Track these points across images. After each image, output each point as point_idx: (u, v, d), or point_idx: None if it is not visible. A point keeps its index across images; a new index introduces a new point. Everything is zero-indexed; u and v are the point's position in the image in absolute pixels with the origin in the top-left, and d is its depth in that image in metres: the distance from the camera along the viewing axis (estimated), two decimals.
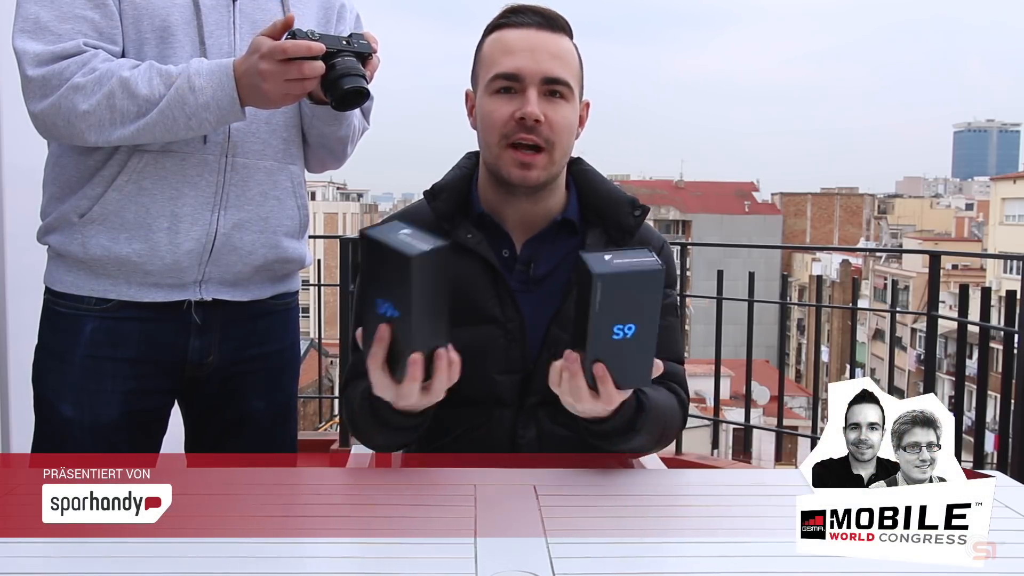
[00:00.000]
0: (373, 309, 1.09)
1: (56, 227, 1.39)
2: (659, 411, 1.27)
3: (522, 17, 1.31)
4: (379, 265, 1.07)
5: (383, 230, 1.07)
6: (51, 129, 1.31)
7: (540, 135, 1.28)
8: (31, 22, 1.29)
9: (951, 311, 3.84)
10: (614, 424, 1.19)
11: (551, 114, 1.28)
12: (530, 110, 1.27)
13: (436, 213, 1.35)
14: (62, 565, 0.96)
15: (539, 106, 1.27)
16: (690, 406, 1.48)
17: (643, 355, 1.09)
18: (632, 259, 1.06)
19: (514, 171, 1.29)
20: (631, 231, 1.37)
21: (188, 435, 1.57)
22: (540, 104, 1.28)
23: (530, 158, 1.28)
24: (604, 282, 1.03)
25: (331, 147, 1.52)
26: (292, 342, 1.58)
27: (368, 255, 1.09)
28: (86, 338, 1.39)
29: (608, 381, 1.10)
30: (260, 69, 1.25)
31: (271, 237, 1.45)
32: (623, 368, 1.10)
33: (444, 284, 1.08)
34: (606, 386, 1.11)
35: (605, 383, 1.11)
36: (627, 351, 1.08)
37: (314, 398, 4.85)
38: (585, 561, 0.96)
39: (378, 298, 1.09)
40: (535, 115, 1.27)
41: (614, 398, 1.13)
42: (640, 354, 1.09)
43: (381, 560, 0.97)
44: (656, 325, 1.08)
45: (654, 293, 1.06)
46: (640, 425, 1.22)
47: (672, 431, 1.35)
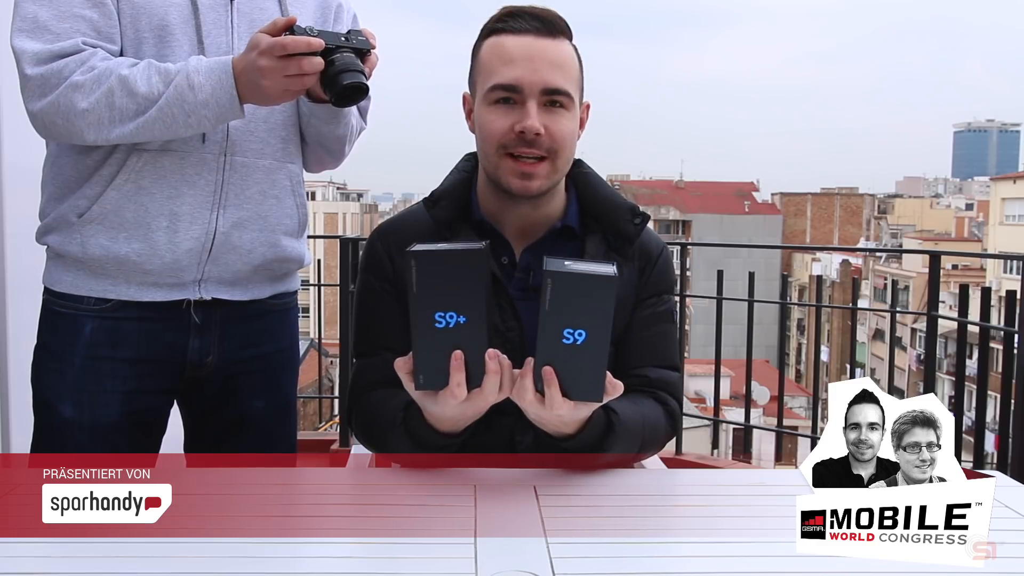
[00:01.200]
0: (431, 325, 1.09)
1: (55, 227, 1.39)
2: (632, 426, 1.26)
3: (520, 22, 1.28)
4: (439, 276, 1.08)
5: (427, 246, 1.09)
6: (50, 128, 1.31)
7: (541, 147, 1.27)
8: (30, 21, 1.29)
9: (951, 311, 3.84)
10: (581, 441, 1.19)
11: (551, 126, 1.27)
12: (530, 124, 1.25)
13: (436, 221, 1.34)
14: (62, 565, 0.96)
15: (539, 118, 1.26)
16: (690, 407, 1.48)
17: (594, 366, 1.10)
18: (590, 266, 1.09)
19: (515, 181, 1.28)
20: (631, 238, 1.37)
21: (187, 435, 1.57)
22: (540, 116, 1.26)
23: (531, 168, 1.27)
24: (555, 281, 1.06)
25: (329, 146, 1.52)
26: (291, 342, 1.57)
27: (424, 270, 1.08)
28: (85, 338, 1.39)
29: (554, 384, 1.10)
30: (259, 65, 1.25)
31: (270, 236, 1.45)
32: (572, 376, 1.10)
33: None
34: (551, 388, 1.10)
35: (551, 386, 1.10)
36: (577, 359, 1.08)
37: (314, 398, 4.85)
38: (585, 561, 0.96)
39: (438, 312, 1.08)
40: (535, 129, 1.25)
41: (557, 404, 1.11)
42: (591, 365, 1.09)
43: (381, 560, 0.97)
44: (607, 338, 1.08)
45: (606, 301, 1.07)
46: (610, 444, 1.21)
47: (655, 443, 1.35)
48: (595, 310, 1.07)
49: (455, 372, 1.10)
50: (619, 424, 1.22)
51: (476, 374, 1.11)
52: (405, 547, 0.99)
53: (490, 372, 1.12)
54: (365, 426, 1.35)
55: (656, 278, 1.40)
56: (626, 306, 1.37)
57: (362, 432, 1.37)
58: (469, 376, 1.11)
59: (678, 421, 1.43)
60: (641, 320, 1.39)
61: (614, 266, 1.09)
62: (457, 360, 1.10)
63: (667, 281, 1.42)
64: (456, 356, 1.10)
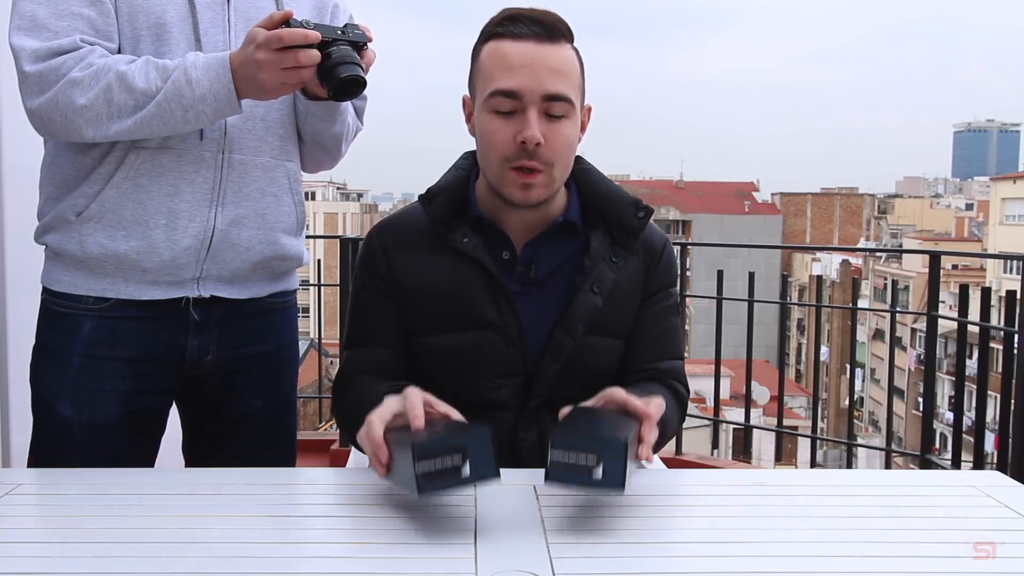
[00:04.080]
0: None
1: (53, 226, 1.39)
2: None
3: (521, 27, 1.27)
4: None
5: (432, 464, 1.00)
6: (48, 125, 1.31)
7: (540, 158, 1.26)
8: (28, 19, 1.29)
9: (951, 311, 3.84)
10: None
11: (551, 136, 1.26)
12: (531, 134, 1.25)
13: (432, 217, 1.34)
14: (62, 565, 0.96)
15: (539, 127, 1.25)
16: (691, 406, 1.49)
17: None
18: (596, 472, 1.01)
19: (516, 193, 1.29)
20: (635, 232, 1.37)
21: (186, 434, 1.56)
22: (540, 125, 1.25)
23: (530, 178, 1.27)
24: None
25: (325, 144, 1.52)
26: (291, 340, 1.57)
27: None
28: (84, 338, 1.39)
29: None
30: (256, 59, 1.25)
31: (268, 234, 1.45)
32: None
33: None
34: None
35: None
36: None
37: (314, 398, 4.84)
38: (585, 561, 0.96)
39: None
40: (536, 139, 1.25)
41: None
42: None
43: (381, 560, 0.97)
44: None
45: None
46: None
47: (671, 429, 1.36)
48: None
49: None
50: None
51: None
52: (405, 547, 0.98)
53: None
54: (348, 410, 1.34)
55: (662, 273, 1.42)
56: (632, 300, 1.39)
57: (343, 416, 1.38)
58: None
59: (687, 405, 1.45)
60: (650, 317, 1.40)
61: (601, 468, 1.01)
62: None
63: (672, 275, 1.44)
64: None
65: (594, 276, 1.34)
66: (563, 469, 1.01)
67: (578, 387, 1.31)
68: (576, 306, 1.33)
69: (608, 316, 1.35)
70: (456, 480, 0.98)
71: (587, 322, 1.33)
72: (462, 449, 0.99)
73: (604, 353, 1.37)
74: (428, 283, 1.34)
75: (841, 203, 48.34)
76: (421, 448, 0.98)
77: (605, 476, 1.00)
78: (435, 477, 0.98)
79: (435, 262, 1.34)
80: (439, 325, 1.34)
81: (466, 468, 0.98)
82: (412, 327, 1.36)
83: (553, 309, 1.34)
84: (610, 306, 1.35)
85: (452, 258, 1.33)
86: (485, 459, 0.99)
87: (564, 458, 1.01)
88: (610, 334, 1.37)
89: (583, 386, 1.31)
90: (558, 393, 1.32)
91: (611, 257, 1.36)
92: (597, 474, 1.00)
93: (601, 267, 1.35)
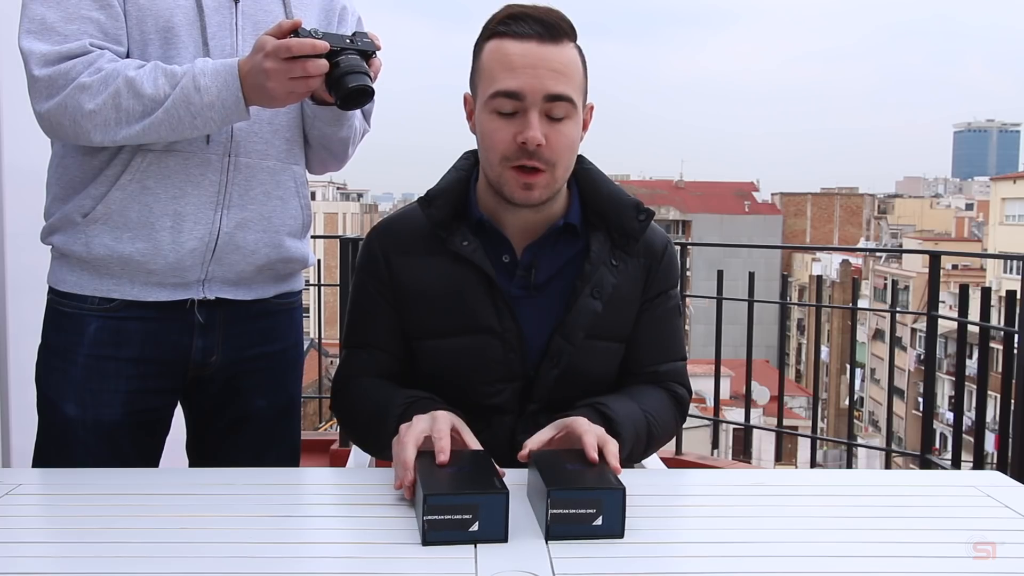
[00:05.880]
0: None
1: (60, 227, 1.39)
2: (636, 427, 1.28)
3: (523, 26, 1.26)
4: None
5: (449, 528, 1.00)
6: (57, 129, 1.31)
7: (541, 158, 1.26)
8: (37, 23, 1.29)
9: (951, 311, 3.84)
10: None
11: (553, 136, 1.26)
12: (532, 135, 1.24)
13: (431, 220, 1.33)
14: (62, 565, 0.96)
15: (541, 128, 1.24)
16: (691, 407, 1.49)
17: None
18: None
19: (517, 192, 1.28)
20: (635, 235, 1.36)
21: (190, 435, 1.57)
22: (542, 125, 1.25)
23: (531, 178, 1.27)
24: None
25: (332, 148, 1.52)
26: (295, 342, 1.57)
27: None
28: (89, 338, 1.39)
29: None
30: (265, 67, 1.25)
31: (274, 237, 1.45)
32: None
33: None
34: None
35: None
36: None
37: (314, 398, 4.83)
38: (585, 561, 0.96)
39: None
40: (537, 140, 1.24)
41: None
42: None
43: (381, 560, 0.97)
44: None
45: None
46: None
47: (665, 434, 1.37)
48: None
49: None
50: (624, 435, 1.23)
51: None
52: (405, 547, 0.99)
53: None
54: (349, 412, 1.37)
55: (663, 275, 1.41)
56: (632, 303, 1.38)
57: (346, 417, 1.39)
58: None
59: (687, 407, 1.45)
60: (652, 320, 1.40)
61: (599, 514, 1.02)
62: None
63: (673, 277, 1.43)
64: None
65: (594, 281, 1.33)
66: (564, 522, 1.02)
67: (577, 391, 1.31)
68: (576, 311, 1.33)
69: (608, 320, 1.35)
70: (463, 536, 0.99)
71: (587, 327, 1.33)
72: (474, 509, 1.00)
73: (603, 357, 1.37)
74: (428, 287, 1.33)
75: (841, 203, 48.33)
76: (432, 501, 0.99)
77: (605, 523, 1.02)
78: (442, 528, 0.99)
79: (435, 266, 1.33)
80: (439, 329, 1.34)
81: (475, 527, 0.99)
82: (412, 330, 1.36)
83: (553, 314, 1.34)
84: (610, 310, 1.35)
85: (452, 262, 1.32)
86: (496, 522, 1.00)
87: (564, 513, 1.02)
88: (610, 338, 1.37)
89: (582, 390, 1.31)
90: (557, 397, 1.33)
91: (611, 260, 1.35)
92: (597, 522, 1.02)
93: (601, 271, 1.34)
